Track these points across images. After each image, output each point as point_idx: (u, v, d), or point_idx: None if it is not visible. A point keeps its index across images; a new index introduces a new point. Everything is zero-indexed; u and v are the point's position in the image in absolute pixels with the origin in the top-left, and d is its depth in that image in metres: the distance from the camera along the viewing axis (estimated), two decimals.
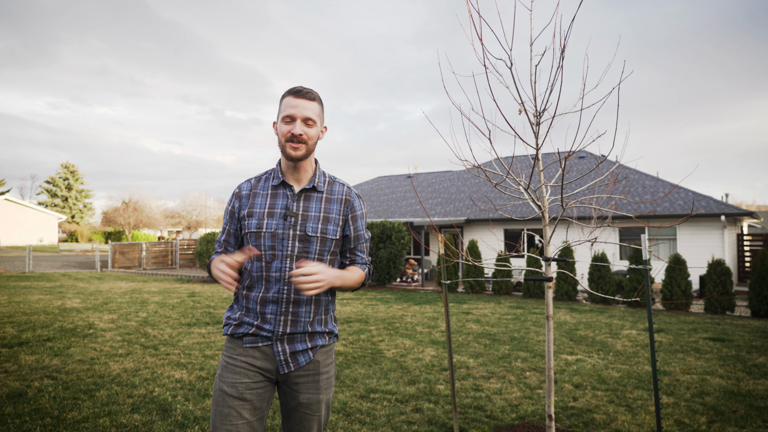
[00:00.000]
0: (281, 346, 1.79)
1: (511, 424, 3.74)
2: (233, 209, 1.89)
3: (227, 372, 1.76)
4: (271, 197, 1.85)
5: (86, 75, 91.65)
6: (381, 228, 14.63)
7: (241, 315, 1.82)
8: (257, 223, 1.80)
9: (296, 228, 1.81)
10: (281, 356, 1.79)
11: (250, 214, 1.83)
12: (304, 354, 1.82)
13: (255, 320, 1.79)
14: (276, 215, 1.81)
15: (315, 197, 1.87)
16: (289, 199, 1.84)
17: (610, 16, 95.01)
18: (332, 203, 1.90)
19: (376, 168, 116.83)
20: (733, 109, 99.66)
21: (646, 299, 2.86)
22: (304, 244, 1.81)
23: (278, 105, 1.87)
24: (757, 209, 45.72)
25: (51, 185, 60.25)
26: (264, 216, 1.81)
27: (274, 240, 1.79)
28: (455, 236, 16.19)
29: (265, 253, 1.79)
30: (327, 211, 1.87)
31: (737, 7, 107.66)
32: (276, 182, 1.86)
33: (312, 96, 1.81)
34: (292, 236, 1.80)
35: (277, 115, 1.87)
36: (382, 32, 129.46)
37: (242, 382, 1.74)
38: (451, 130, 3.10)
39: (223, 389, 1.74)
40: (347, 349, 6.17)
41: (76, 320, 7.98)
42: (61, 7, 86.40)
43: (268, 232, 1.79)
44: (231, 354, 1.79)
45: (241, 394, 1.72)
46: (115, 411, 3.84)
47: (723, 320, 9.03)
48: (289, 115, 1.78)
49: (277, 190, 1.86)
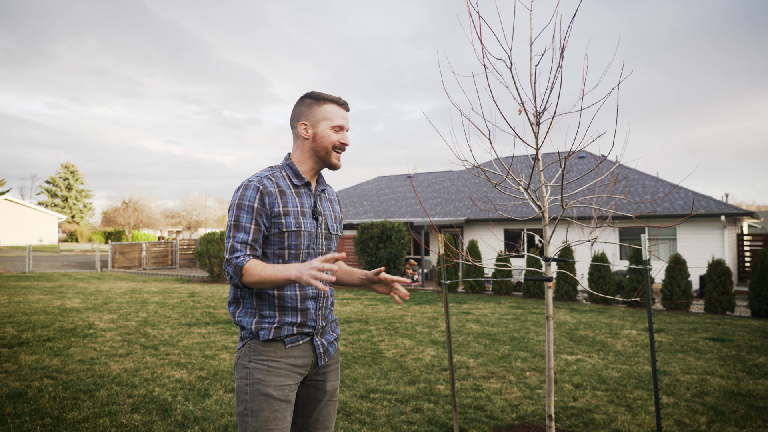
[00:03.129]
0: (319, 339, 1.86)
1: (511, 424, 3.74)
2: (262, 207, 1.74)
3: (271, 376, 1.73)
4: (297, 196, 1.84)
5: (84, 75, 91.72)
6: (381, 228, 14.63)
7: (280, 318, 1.77)
8: (296, 222, 1.78)
9: (323, 227, 1.88)
10: (320, 349, 1.86)
11: (287, 213, 1.78)
12: (332, 344, 1.94)
13: (296, 318, 1.79)
14: (307, 215, 1.83)
15: (324, 197, 1.97)
16: (312, 198, 1.88)
17: (608, 15, 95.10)
18: (333, 203, 2.01)
19: (375, 168, 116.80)
20: (733, 108, 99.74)
21: (646, 299, 2.86)
22: (328, 242, 1.91)
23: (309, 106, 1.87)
24: (757, 209, 45.71)
25: (51, 185, 60.25)
26: (299, 215, 1.80)
27: (311, 239, 1.83)
28: (455, 236, 16.19)
29: (303, 252, 1.81)
30: (334, 210, 1.99)
31: (736, 7, 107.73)
32: (298, 182, 1.85)
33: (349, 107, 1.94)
34: (322, 235, 1.88)
35: (314, 119, 1.87)
36: (379, 32, 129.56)
37: (287, 384, 1.75)
38: (451, 130, 3.10)
39: (269, 394, 1.71)
40: (347, 349, 6.17)
41: (76, 320, 7.98)
42: (57, 7, 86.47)
43: (306, 231, 1.81)
44: (272, 357, 1.75)
45: (287, 397, 1.74)
46: (115, 411, 3.84)
47: (723, 320, 9.03)
48: (340, 125, 1.86)
49: (299, 189, 1.86)
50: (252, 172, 2.09)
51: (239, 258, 1.68)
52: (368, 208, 21.48)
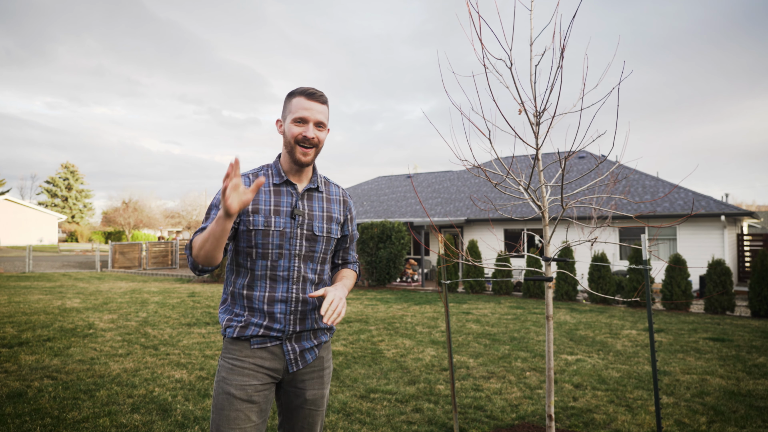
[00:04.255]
0: (290, 344, 1.78)
1: (511, 424, 3.74)
2: None
3: (234, 375, 1.71)
4: (275, 194, 1.80)
5: (83, 75, 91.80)
6: (381, 228, 14.62)
7: (248, 316, 1.76)
8: (264, 221, 1.75)
9: (303, 227, 1.80)
10: (291, 355, 1.78)
11: (256, 211, 1.75)
12: (311, 351, 1.84)
13: (263, 320, 1.75)
14: (282, 213, 1.78)
15: (317, 197, 1.88)
16: (294, 197, 1.81)
17: (608, 15, 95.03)
18: (332, 203, 1.92)
19: (375, 168, 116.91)
20: (733, 108, 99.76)
21: (646, 299, 2.86)
22: (310, 244, 1.81)
23: (285, 103, 1.84)
24: (757, 209, 45.70)
25: (51, 185, 60.25)
26: (270, 213, 1.76)
27: (282, 239, 1.76)
28: (455, 236, 16.19)
29: (272, 252, 1.75)
30: (329, 211, 1.89)
31: (736, 6, 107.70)
32: (278, 180, 1.82)
33: (324, 99, 1.81)
34: (300, 235, 1.79)
35: (284, 114, 1.83)
36: (378, 32, 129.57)
37: (251, 384, 1.71)
38: (451, 130, 3.10)
39: (230, 392, 1.69)
40: (347, 349, 6.16)
41: (76, 320, 7.97)
42: (56, 7, 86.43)
43: (277, 231, 1.75)
44: (237, 356, 1.74)
45: (250, 397, 1.70)
46: (115, 411, 3.84)
47: (723, 320, 9.03)
48: (301, 117, 1.76)
49: (280, 187, 1.81)
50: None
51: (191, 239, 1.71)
52: (368, 208, 21.48)
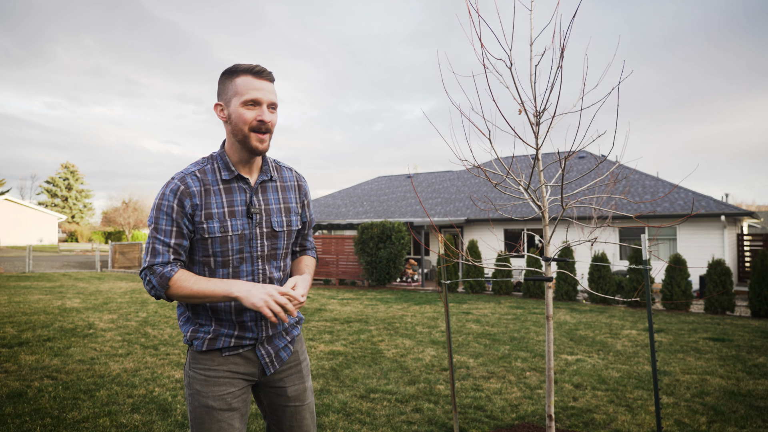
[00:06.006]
0: (264, 348, 1.69)
1: (511, 424, 3.74)
2: (182, 209, 1.54)
3: (210, 386, 1.60)
4: (227, 193, 1.60)
5: (81, 75, 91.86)
6: (381, 228, 14.63)
7: (216, 328, 1.62)
8: (220, 227, 1.56)
9: (262, 225, 1.63)
10: (266, 359, 1.69)
11: (209, 216, 1.56)
12: (285, 350, 1.75)
13: (233, 330, 1.62)
14: (238, 213, 1.59)
15: (270, 187, 1.70)
16: (248, 193, 1.63)
17: (608, 15, 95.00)
18: (288, 191, 1.74)
19: (375, 168, 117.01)
20: (732, 108, 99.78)
21: (646, 299, 2.86)
22: (272, 242, 1.66)
23: (223, 83, 1.60)
24: (757, 209, 45.70)
25: (51, 185, 60.26)
26: (225, 216, 1.57)
27: (242, 242, 1.60)
28: (455, 236, 16.19)
29: (233, 258, 1.59)
30: (286, 201, 1.72)
31: (735, 6, 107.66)
32: (228, 175, 1.60)
33: (273, 77, 1.61)
34: (260, 235, 1.63)
35: (226, 96, 1.58)
36: (377, 32, 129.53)
37: (229, 392, 1.62)
38: (451, 130, 3.10)
39: (208, 405, 1.59)
40: (347, 349, 6.17)
41: (76, 320, 7.98)
42: (54, 6, 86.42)
43: (235, 235, 1.58)
44: (209, 365, 1.62)
45: (230, 405, 1.61)
46: (115, 411, 3.84)
47: (723, 320, 9.03)
48: (253, 99, 1.54)
49: (230, 184, 1.61)
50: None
51: (167, 267, 1.51)
52: (368, 208, 21.48)
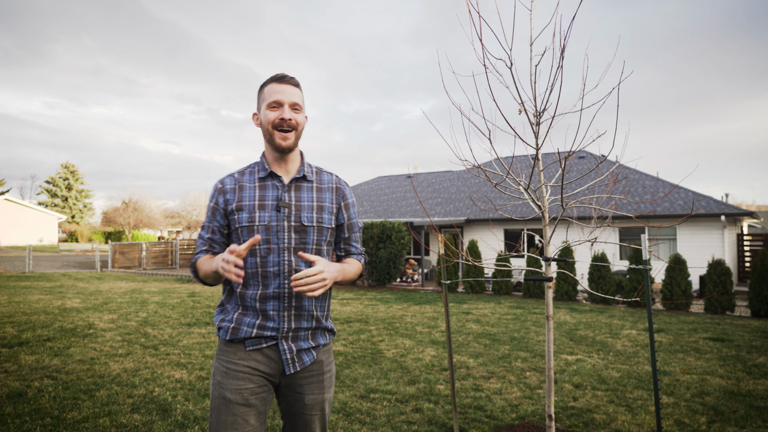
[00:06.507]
0: (287, 344, 1.73)
1: (511, 424, 3.74)
2: (217, 205, 1.79)
3: (229, 378, 1.68)
4: (260, 189, 1.77)
5: (81, 75, 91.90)
6: (381, 228, 14.62)
7: (239, 316, 1.73)
8: (248, 217, 1.73)
9: (290, 219, 1.74)
10: (287, 355, 1.73)
11: (240, 208, 1.74)
12: (308, 353, 1.78)
13: (256, 318, 1.71)
14: (267, 207, 1.74)
15: (305, 187, 1.82)
16: (280, 190, 1.77)
17: (608, 15, 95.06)
18: (324, 192, 1.85)
19: (375, 168, 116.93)
20: (732, 108, 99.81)
21: (646, 299, 2.86)
22: (300, 235, 1.75)
23: (258, 96, 1.83)
24: (756, 209, 45.70)
25: (51, 185, 60.25)
26: (255, 209, 1.73)
27: (269, 233, 1.72)
28: (455, 236, 16.18)
29: (260, 248, 1.71)
30: (320, 200, 1.82)
31: (735, 6, 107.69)
32: (263, 174, 1.79)
33: (296, 82, 1.78)
34: (287, 228, 1.73)
35: (258, 105, 1.81)
36: (377, 32, 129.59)
37: (247, 387, 1.67)
38: (451, 130, 3.10)
39: (225, 397, 1.66)
40: (347, 349, 6.16)
41: (76, 320, 7.97)
42: (53, 6, 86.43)
43: (262, 225, 1.72)
44: (231, 359, 1.70)
45: (247, 400, 1.66)
46: (115, 411, 3.84)
47: (723, 320, 9.03)
48: (275, 100, 1.73)
49: (265, 181, 1.78)
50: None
51: (197, 255, 1.81)
52: (368, 208, 21.47)
